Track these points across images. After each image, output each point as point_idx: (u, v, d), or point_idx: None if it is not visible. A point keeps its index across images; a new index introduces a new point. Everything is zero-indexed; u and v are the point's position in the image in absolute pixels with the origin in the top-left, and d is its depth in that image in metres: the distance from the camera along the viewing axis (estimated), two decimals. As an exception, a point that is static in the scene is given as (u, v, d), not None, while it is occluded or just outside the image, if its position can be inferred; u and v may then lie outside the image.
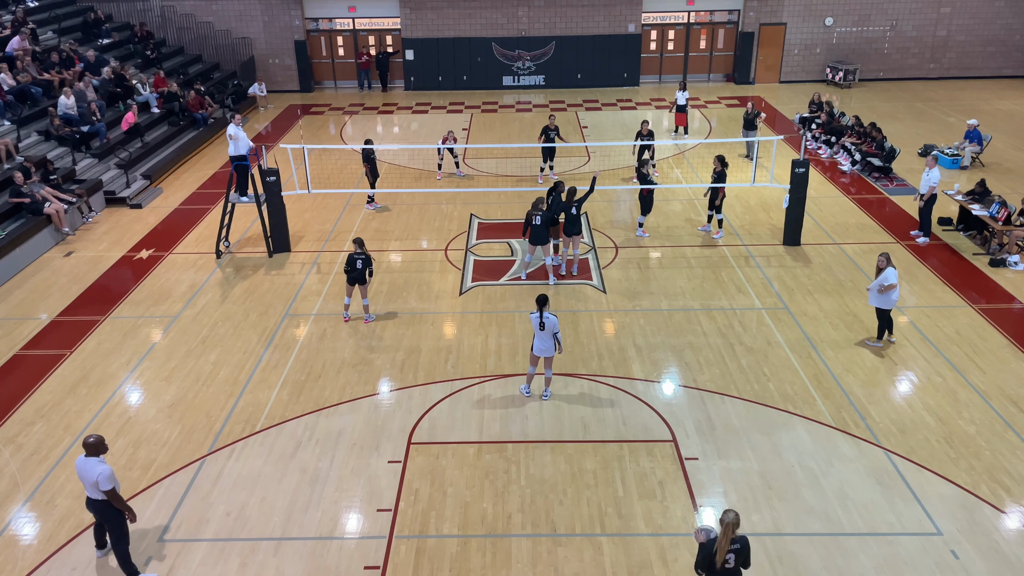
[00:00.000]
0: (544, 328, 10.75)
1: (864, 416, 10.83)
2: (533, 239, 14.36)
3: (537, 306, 10.82)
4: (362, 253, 13.00)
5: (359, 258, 12.97)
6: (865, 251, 16.00)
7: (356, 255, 13.00)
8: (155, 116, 23.73)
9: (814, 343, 12.66)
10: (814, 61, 31.47)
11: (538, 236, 14.32)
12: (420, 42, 30.85)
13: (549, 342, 10.87)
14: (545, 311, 10.77)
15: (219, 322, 13.66)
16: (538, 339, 10.86)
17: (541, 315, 10.75)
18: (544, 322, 10.73)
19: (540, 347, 10.91)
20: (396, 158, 22.69)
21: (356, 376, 11.98)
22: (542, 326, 10.74)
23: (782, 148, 22.27)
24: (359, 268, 12.98)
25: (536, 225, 14.25)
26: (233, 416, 11.07)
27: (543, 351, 10.94)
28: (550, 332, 10.78)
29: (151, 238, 17.38)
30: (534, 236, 14.34)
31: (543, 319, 10.73)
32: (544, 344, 10.87)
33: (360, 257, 12.96)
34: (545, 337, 10.82)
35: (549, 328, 10.77)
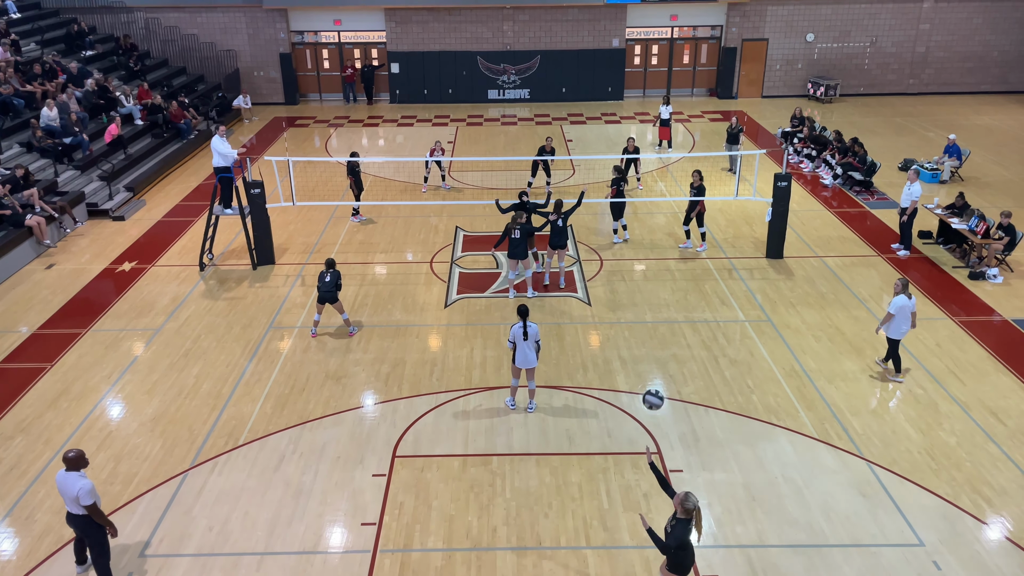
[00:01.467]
0: (527, 338, 10.79)
1: (847, 428, 10.91)
2: (512, 253, 14.39)
3: (519, 317, 10.90)
4: (331, 269, 13.08)
5: (328, 273, 13.04)
6: (847, 264, 16.16)
7: (324, 272, 13.10)
8: (138, 128, 23.63)
9: (797, 355, 12.75)
10: (796, 76, 31.82)
11: (518, 250, 14.35)
12: (405, 55, 30.95)
13: (532, 353, 10.90)
14: (527, 321, 10.83)
15: (202, 335, 13.58)
16: (520, 350, 10.88)
17: (525, 325, 10.79)
18: (527, 331, 10.77)
19: (522, 358, 10.93)
20: (381, 171, 22.71)
21: (340, 389, 11.94)
22: (525, 335, 10.78)
23: (765, 162, 22.49)
24: (327, 281, 12.99)
25: (515, 239, 14.29)
26: (216, 429, 10.99)
27: (526, 362, 10.96)
28: (533, 341, 10.84)
29: (134, 250, 17.27)
30: (513, 250, 14.37)
31: (526, 328, 10.77)
32: (527, 355, 10.90)
33: (329, 273, 13.05)
34: (528, 348, 10.86)
35: (532, 337, 10.82)
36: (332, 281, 13.03)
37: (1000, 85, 31.86)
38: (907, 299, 11.63)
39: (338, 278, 13.09)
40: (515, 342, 10.85)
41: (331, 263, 13.17)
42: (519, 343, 10.84)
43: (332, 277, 13.04)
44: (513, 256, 14.40)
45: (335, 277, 13.06)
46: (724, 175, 21.77)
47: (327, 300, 13.08)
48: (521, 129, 27.62)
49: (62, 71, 23.52)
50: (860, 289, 15.05)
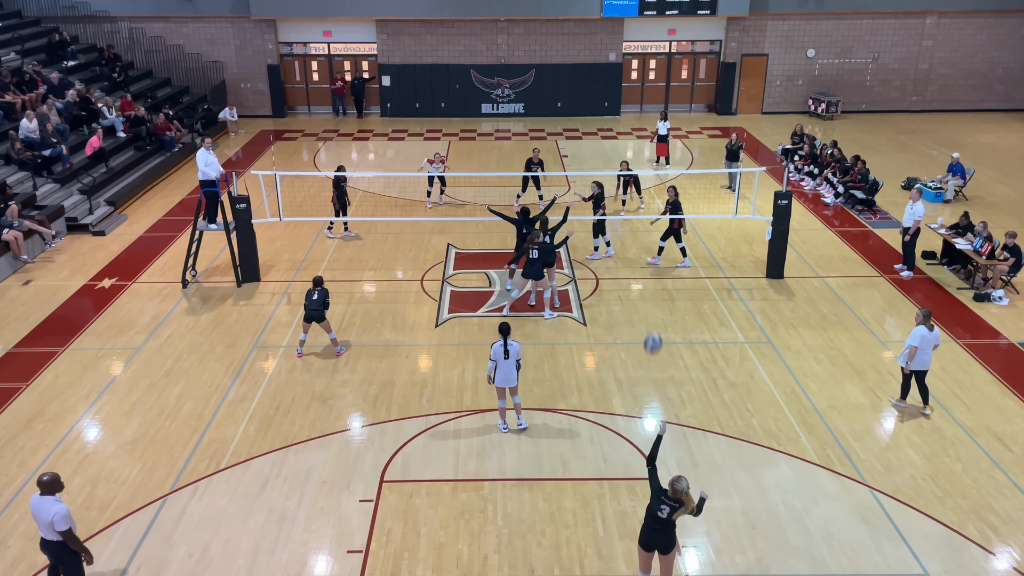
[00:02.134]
0: (508, 356, 10.89)
1: (849, 453, 10.93)
2: (528, 272, 14.46)
3: (500, 335, 11.00)
4: (319, 287, 13.11)
5: (315, 291, 13.06)
6: (849, 284, 16.26)
7: (311, 290, 13.12)
8: (121, 140, 23.68)
9: (798, 378, 12.79)
10: (796, 92, 32.14)
11: (533, 270, 14.42)
12: (397, 68, 31.14)
13: (513, 371, 10.99)
14: (508, 339, 10.93)
15: (184, 354, 13.55)
16: (501, 369, 10.96)
17: (506, 343, 10.89)
18: (508, 349, 10.87)
19: (503, 377, 11.01)
20: (372, 186, 22.78)
21: (327, 411, 11.91)
22: (507, 354, 10.87)
23: (765, 180, 22.67)
24: (314, 299, 13.00)
25: (533, 258, 14.38)
26: (197, 452, 10.94)
27: (506, 381, 11.04)
28: (514, 360, 10.93)
29: (114, 266, 17.26)
30: (529, 269, 14.44)
31: (507, 346, 10.87)
32: (508, 374, 10.99)
33: (317, 290, 13.07)
34: (509, 366, 10.95)
35: (513, 355, 10.92)
36: (319, 299, 13.05)
37: (1005, 103, 32.23)
38: (928, 331, 11.43)
39: (326, 296, 13.11)
40: (496, 360, 10.94)
41: (319, 281, 13.19)
42: (500, 362, 10.93)
43: (320, 295, 13.06)
44: (528, 275, 14.48)
45: (323, 295, 13.08)
46: (723, 193, 21.92)
47: (314, 319, 13.09)
48: (515, 144, 27.77)
49: (42, 81, 23.58)
50: (863, 310, 15.13)
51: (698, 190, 22.12)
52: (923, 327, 11.49)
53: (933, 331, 11.54)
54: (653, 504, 8.07)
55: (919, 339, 11.47)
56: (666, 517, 7.97)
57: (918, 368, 11.65)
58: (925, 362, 11.64)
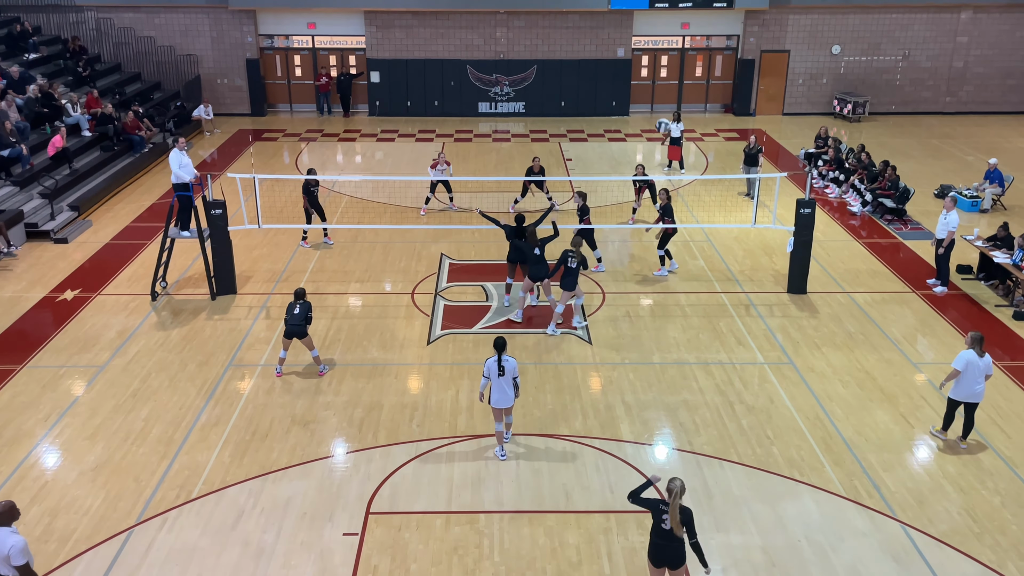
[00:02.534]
0: (504, 373, 10.97)
1: (878, 485, 10.93)
2: (565, 284, 14.60)
3: (495, 350, 11.06)
4: (301, 300, 13.13)
5: (297, 304, 13.07)
6: (878, 301, 16.29)
7: (292, 303, 13.13)
8: (86, 140, 23.75)
9: (822, 403, 12.80)
10: (820, 92, 32.31)
11: (570, 281, 14.57)
12: (387, 63, 31.30)
13: (509, 390, 11.09)
14: (503, 355, 11.00)
15: (153, 373, 13.54)
16: (496, 388, 11.06)
17: (500, 359, 10.96)
18: (504, 366, 10.96)
19: (499, 397, 11.11)
20: (358, 190, 22.85)
21: (308, 436, 11.90)
22: (501, 371, 10.96)
23: (786, 186, 22.75)
24: (296, 314, 13.01)
25: (572, 268, 14.53)
26: (166, 480, 10.92)
27: (502, 401, 11.14)
28: (510, 377, 11.03)
29: (77, 277, 17.27)
30: (566, 280, 14.57)
31: (502, 363, 10.95)
32: (503, 393, 11.08)
33: (299, 304, 13.08)
34: (504, 384, 11.03)
35: (509, 373, 11.01)
36: (302, 314, 13.06)
37: (1046, 105, 32.42)
38: (977, 356, 11.18)
39: (308, 310, 13.13)
40: (489, 377, 11.04)
41: (301, 293, 13.21)
42: (494, 379, 11.02)
43: (302, 309, 13.07)
44: (566, 287, 14.64)
45: (305, 309, 13.10)
46: (740, 200, 21.99)
47: (295, 335, 13.10)
48: (515, 146, 27.87)
49: (1, 76, 23.67)
50: (892, 329, 15.16)
51: (713, 197, 22.20)
52: (972, 352, 11.26)
53: (984, 358, 11.28)
54: (655, 518, 8.39)
55: (964, 364, 11.24)
56: (669, 528, 8.27)
57: (967, 400, 11.41)
58: (976, 393, 11.37)
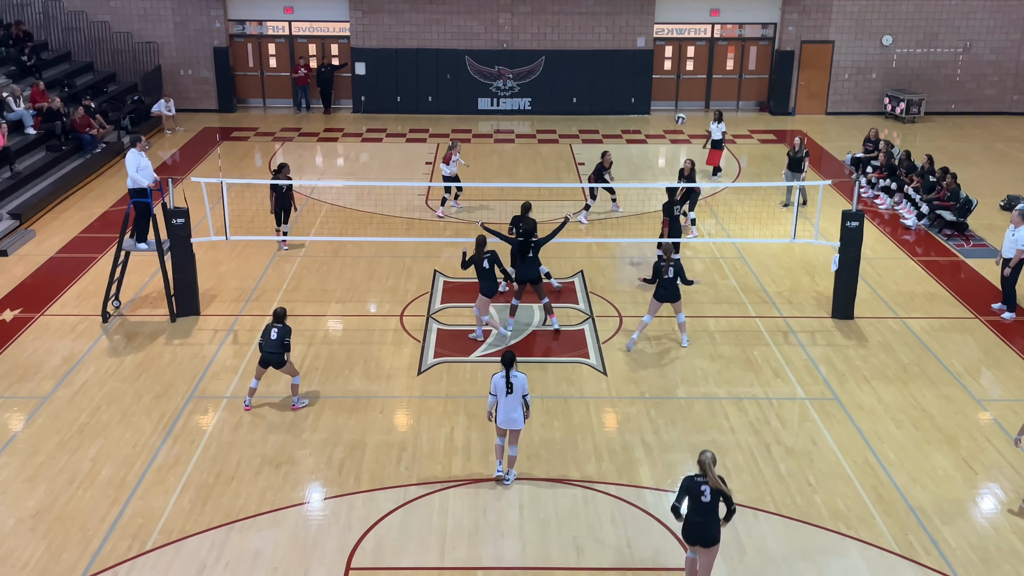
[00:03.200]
0: (512, 391, 11.22)
1: (936, 540, 10.89)
2: (663, 296, 14.89)
3: (503, 366, 11.31)
4: (279, 324, 13.13)
5: (274, 327, 13.06)
6: (936, 328, 16.28)
7: (270, 326, 13.14)
8: (30, 139, 23.88)
9: (872, 445, 12.78)
10: (869, 89, 32.43)
11: (672, 292, 14.91)
12: (374, 53, 31.48)
13: (517, 410, 11.32)
14: (512, 370, 11.28)
15: (103, 405, 13.55)
16: (503, 407, 11.30)
17: (508, 375, 11.21)
18: (512, 383, 11.21)
19: (506, 417, 11.33)
20: (340, 198, 22.93)
21: (280, 479, 11.89)
22: (509, 388, 11.20)
23: (830, 196, 22.79)
24: (273, 339, 13.00)
25: (669, 279, 14.83)
26: (117, 529, 10.90)
27: (510, 422, 11.35)
28: (518, 395, 11.27)
29: (18, 295, 17.32)
30: (670, 293, 14.86)
31: (510, 379, 11.21)
32: (511, 413, 11.31)
33: (276, 327, 13.07)
34: (513, 403, 11.27)
35: (518, 390, 11.26)
36: (279, 339, 13.05)
37: None
38: None
39: (286, 335, 13.13)
40: (496, 395, 11.32)
41: (280, 315, 13.20)
42: (501, 398, 11.29)
43: (279, 333, 13.07)
44: (665, 299, 15.03)
45: (282, 334, 13.10)
46: (779, 211, 22.04)
47: (271, 363, 13.10)
48: (519, 148, 27.97)
49: (-65, 65, 23.86)
50: (953, 360, 15.15)
51: (747, 208, 22.25)
52: None
53: None
54: (694, 496, 9.23)
55: None
56: (709, 500, 9.20)
57: None
58: None
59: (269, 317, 16.22)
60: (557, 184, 23.29)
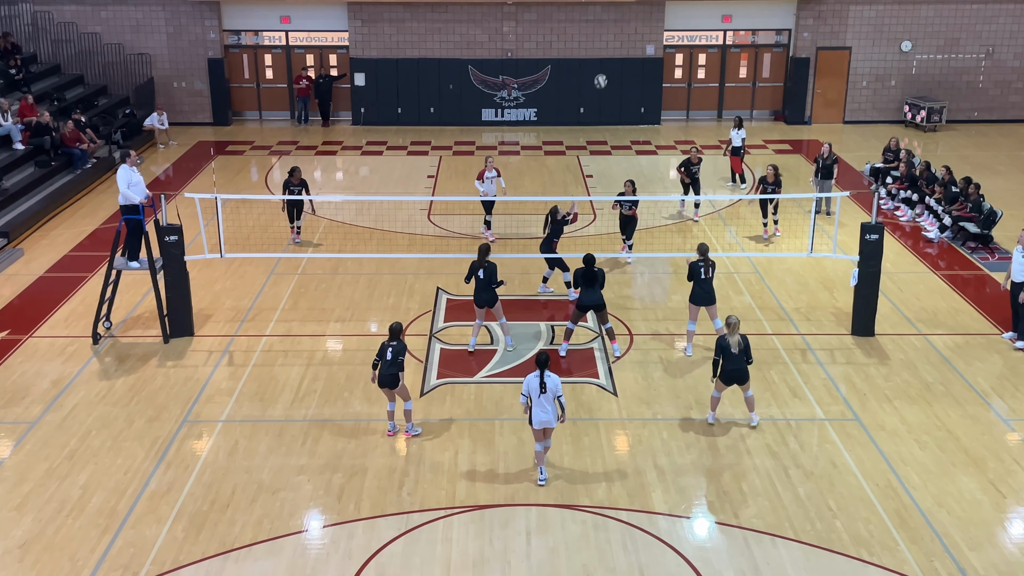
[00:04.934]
0: (546, 391, 11.83)
1: (963, 567, 10.83)
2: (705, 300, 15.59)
3: (537, 366, 11.91)
4: (395, 341, 13.01)
5: (389, 347, 12.94)
6: (961, 345, 16.23)
7: (388, 344, 12.99)
8: (18, 154, 24.00)
9: (895, 467, 12.73)
10: (888, 96, 32.46)
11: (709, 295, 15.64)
12: (374, 63, 31.61)
13: (551, 410, 11.95)
14: (547, 371, 11.90)
15: (93, 430, 13.56)
16: (537, 408, 11.92)
17: (542, 376, 11.83)
18: (546, 383, 11.83)
19: (542, 417, 11.94)
20: (339, 213, 22.99)
21: (277, 506, 11.88)
22: (543, 388, 11.81)
23: (848, 207, 22.78)
24: (388, 360, 12.85)
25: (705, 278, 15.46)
26: (108, 560, 10.89)
27: (545, 422, 11.97)
28: (552, 396, 11.89)
29: (5, 316, 17.37)
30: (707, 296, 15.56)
31: (544, 380, 11.82)
32: (546, 414, 11.94)
33: (391, 346, 12.95)
34: (547, 404, 11.90)
35: (551, 391, 11.88)
36: (394, 357, 12.89)
37: None
38: None
39: (401, 353, 12.95)
40: (530, 396, 11.96)
41: (397, 331, 13.02)
42: (535, 398, 11.91)
43: (395, 351, 12.89)
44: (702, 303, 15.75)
45: (398, 351, 12.90)
46: (794, 224, 21.99)
47: (387, 384, 13.01)
48: (525, 160, 28.03)
49: (-79, 78, 24.02)
50: (979, 379, 15.10)
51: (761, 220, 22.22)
52: None
53: None
54: (725, 351, 12.73)
55: None
56: (738, 351, 12.76)
57: None
58: None
59: (267, 337, 16.34)
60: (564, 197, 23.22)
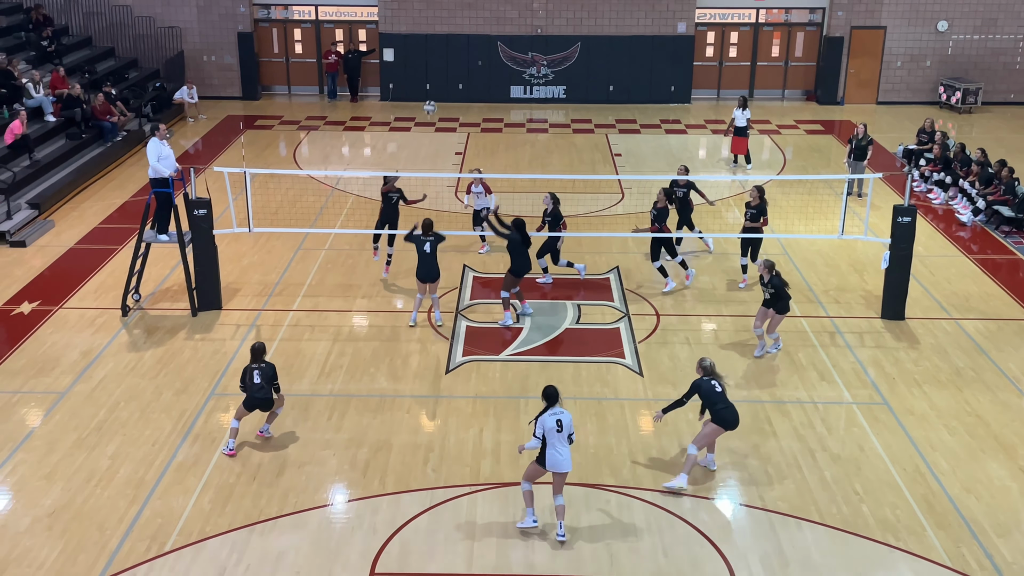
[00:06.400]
0: (562, 429, 10.50)
1: (991, 554, 10.76)
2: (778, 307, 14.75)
3: (545, 402, 10.65)
4: (260, 364, 12.34)
5: (256, 370, 12.28)
6: (992, 330, 16.07)
7: (253, 366, 12.33)
8: (49, 126, 24.14)
9: (923, 452, 12.65)
10: (923, 77, 32.07)
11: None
12: (403, 39, 31.55)
13: (567, 451, 10.56)
14: (557, 406, 10.59)
15: (122, 402, 13.68)
16: (552, 448, 10.49)
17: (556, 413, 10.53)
18: (561, 420, 10.51)
19: (556, 460, 10.52)
20: (366, 189, 23.00)
21: (303, 480, 11.95)
22: (559, 426, 10.48)
23: (880, 190, 22.57)
24: (256, 384, 12.20)
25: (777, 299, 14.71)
26: (135, 530, 11.00)
27: (559, 465, 10.55)
28: (566, 435, 10.56)
29: (36, 287, 17.52)
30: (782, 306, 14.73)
31: (560, 418, 10.52)
32: (562, 455, 10.52)
33: (257, 369, 12.28)
34: (562, 443, 10.53)
35: (567, 429, 10.54)
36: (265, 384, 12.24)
37: None
38: None
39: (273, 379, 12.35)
40: (541, 438, 10.55)
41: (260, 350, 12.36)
42: (551, 439, 10.50)
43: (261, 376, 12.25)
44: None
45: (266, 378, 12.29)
46: (824, 205, 21.81)
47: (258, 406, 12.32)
48: (553, 138, 27.91)
49: (-46, 50, 24.17)
50: (1010, 364, 14.96)
51: (792, 201, 22.07)
52: None
53: None
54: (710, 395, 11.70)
55: None
56: (722, 390, 11.77)
57: None
58: None
59: (293, 312, 16.40)
60: (592, 176, 23.16)
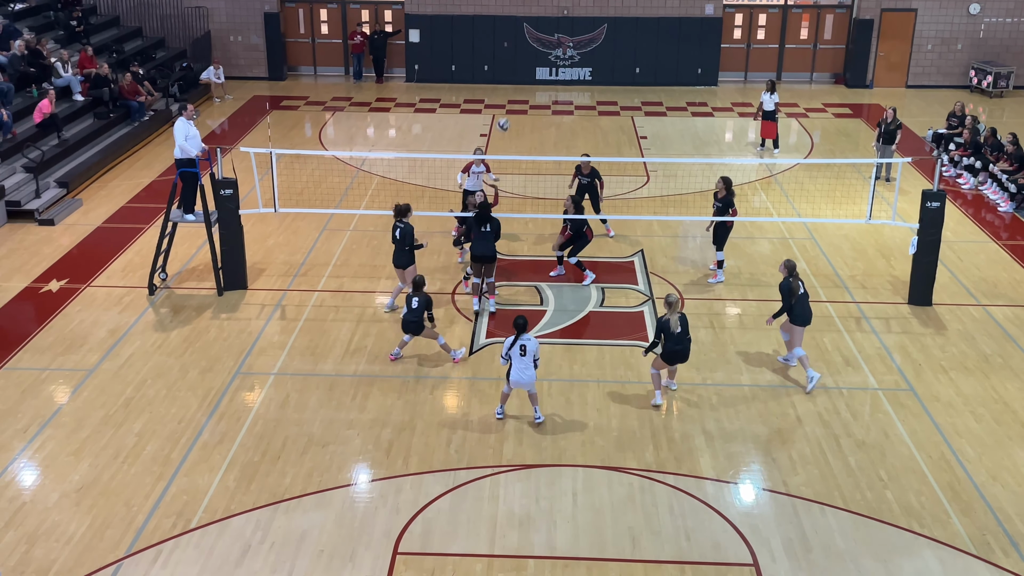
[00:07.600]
0: (525, 354, 12.27)
1: (1016, 542, 10.70)
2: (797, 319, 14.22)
3: (515, 331, 12.29)
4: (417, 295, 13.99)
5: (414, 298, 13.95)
6: (1021, 317, 15.92)
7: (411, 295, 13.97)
8: (78, 105, 24.29)
9: (949, 439, 12.57)
10: (954, 60, 31.71)
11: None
12: (428, 19, 31.48)
13: (531, 369, 12.34)
14: (524, 335, 12.27)
15: (148, 380, 13.79)
16: (516, 368, 12.32)
17: (516, 340, 12.25)
18: (525, 346, 12.24)
19: (521, 378, 12.40)
20: (391, 170, 23.02)
21: (327, 459, 12.02)
22: (523, 351, 12.25)
23: (909, 174, 22.37)
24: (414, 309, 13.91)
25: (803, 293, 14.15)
26: (161, 507, 11.11)
27: (523, 382, 12.45)
28: (531, 358, 12.30)
29: (64, 265, 17.67)
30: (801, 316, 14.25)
31: (525, 344, 12.25)
32: (525, 374, 12.34)
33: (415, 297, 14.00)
34: (526, 365, 12.30)
35: (530, 354, 12.28)
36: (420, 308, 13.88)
37: None
38: None
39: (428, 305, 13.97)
40: (510, 357, 12.35)
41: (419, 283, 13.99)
42: (515, 359, 12.31)
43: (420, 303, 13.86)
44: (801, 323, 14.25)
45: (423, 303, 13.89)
46: (851, 189, 21.66)
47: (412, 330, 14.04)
48: (579, 120, 27.81)
49: (-16, 29, 24.33)
50: (1038, 351, 14.85)
51: (819, 185, 21.92)
52: None
53: None
54: (667, 332, 12.53)
55: None
56: (680, 330, 12.57)
57: None
58: None
59: (319, 292, 16.47)
60: (617, 159, 23.04)
